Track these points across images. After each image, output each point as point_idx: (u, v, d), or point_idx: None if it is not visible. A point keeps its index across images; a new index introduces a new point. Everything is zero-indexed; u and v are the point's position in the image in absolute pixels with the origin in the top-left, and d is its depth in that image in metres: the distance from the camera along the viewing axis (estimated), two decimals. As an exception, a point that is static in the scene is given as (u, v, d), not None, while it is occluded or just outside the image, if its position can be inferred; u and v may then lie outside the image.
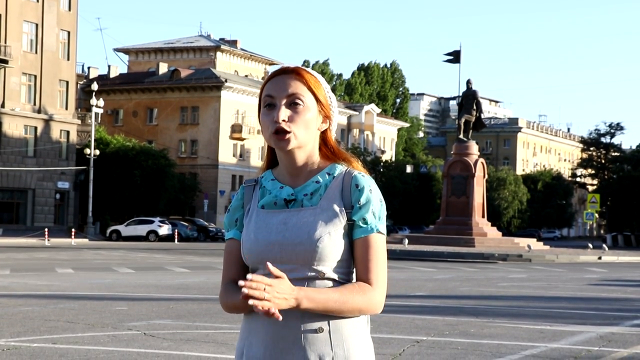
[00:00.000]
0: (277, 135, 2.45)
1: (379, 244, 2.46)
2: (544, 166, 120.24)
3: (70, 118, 61.15)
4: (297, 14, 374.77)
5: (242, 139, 75.82)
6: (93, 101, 59.10)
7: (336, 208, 2.45)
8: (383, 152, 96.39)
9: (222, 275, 2.59)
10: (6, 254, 32.54)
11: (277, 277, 2.27)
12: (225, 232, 2.62)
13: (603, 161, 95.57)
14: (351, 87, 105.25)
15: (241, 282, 2.20)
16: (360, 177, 2.49)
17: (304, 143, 2.48)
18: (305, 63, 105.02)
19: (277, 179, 2.55)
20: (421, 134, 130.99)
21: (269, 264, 2.28)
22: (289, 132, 2.44)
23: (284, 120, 2.44)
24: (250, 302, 2.20)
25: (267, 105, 2.47)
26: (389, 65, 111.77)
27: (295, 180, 2.52)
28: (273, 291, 2.23)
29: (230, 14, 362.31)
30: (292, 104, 2.45)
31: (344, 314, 2.41)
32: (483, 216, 44.73)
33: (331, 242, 2.42)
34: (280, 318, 2.24)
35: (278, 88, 2.46)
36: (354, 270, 2.50)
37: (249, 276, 2.22)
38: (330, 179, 2.50)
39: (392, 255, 31.48)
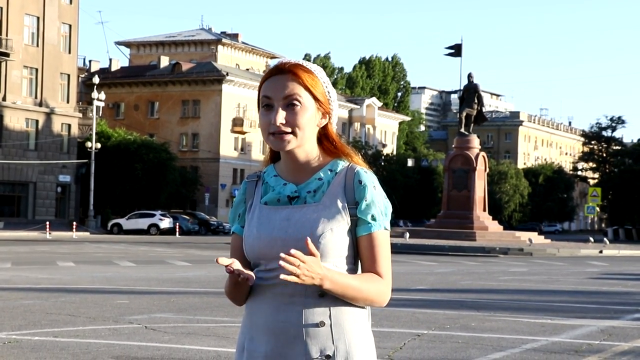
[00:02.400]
0: (275, 136, 2.45)
1: (385, 241, 2.49)
2: (545, 160, 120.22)
3: (71, 111, 61.13)
4: (299, 7, 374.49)
5: (243, 133, 75.82)
6: (94, 94, 59.10)
7: (339, 204, 2.46)
8: (384, 145, 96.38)
9: None
10: (7, 247, 32.57)
11: (311, 254, 2.31)
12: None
13: (604, 155, 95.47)
14: (352, 81, 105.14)
15: (282, 254, 2.25)
16: (363, 173, 2.49)
17: (303, 142, 2.49)
18: (307, 56, 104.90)
19: (280, 175, 2.56)
20: (422, 128, 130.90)
21: (308, 239, 2.32)
22: (286, 134, 2.45)
23: (281, 123, 2.44)
24: (282, 276, 2.27)
25: (265, 106, 2.48)
26: (390, 59, 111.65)
27: (297, 176, 2.53)
28: (304, 268, 2.28)
29: (231, 8, 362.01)
30: (289, 105, 2.45)
31: (357, 301, 2.44)
32: (484, 210, 44.69)
33: (333, 239, 2.43)
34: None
35: (274, 89, 2.46)
36: (358, 266, 2.51)
37: (292, 251, 2.27)
38: (333, 175, 2.51)
39: (393, 249, 31.31)
